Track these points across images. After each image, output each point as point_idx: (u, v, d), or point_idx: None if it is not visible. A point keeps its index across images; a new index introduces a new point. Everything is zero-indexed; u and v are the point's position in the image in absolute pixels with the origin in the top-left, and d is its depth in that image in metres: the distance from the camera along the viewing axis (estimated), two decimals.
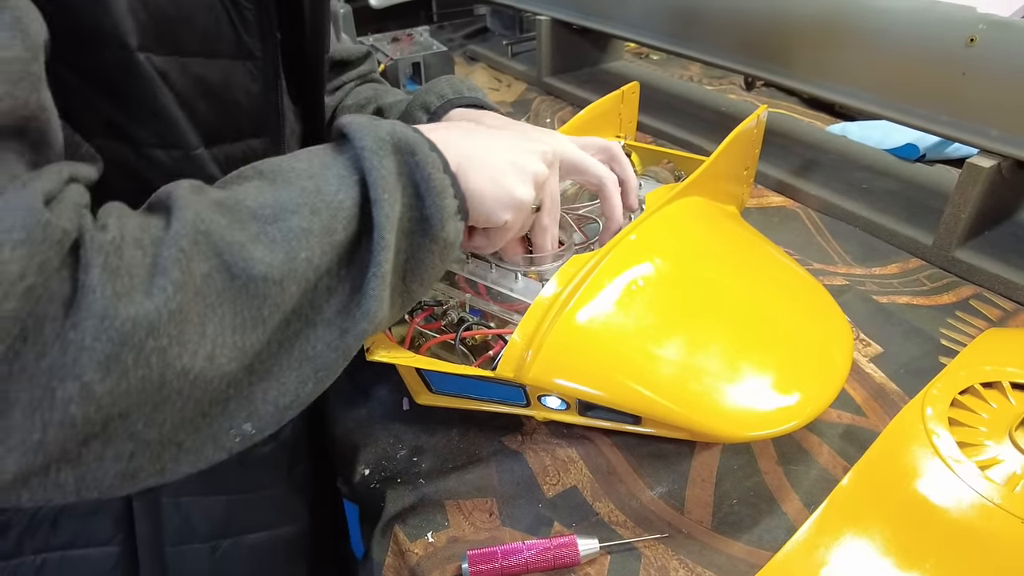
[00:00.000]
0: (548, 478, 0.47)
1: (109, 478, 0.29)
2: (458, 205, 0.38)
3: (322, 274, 0.33)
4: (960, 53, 0.62)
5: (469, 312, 0.52)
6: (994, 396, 0.49)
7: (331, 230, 0.33)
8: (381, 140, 0.36)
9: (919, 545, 0.40)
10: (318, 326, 0.34)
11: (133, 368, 0.27)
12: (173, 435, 0.30)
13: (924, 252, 0.69)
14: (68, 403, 0.26)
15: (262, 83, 0.43)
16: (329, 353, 0.35)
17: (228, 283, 0.30)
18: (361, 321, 0.35)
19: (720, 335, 0.47)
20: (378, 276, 0.35)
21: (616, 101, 0.77)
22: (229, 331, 0.30)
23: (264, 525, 0.52)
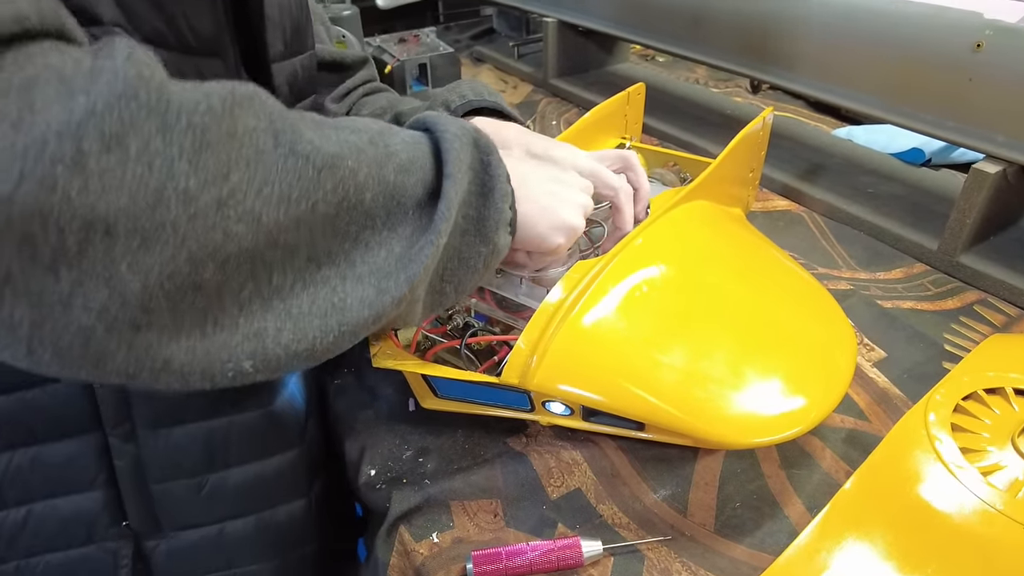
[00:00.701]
0: (552, 480, 0.48)
1: (70, 334, 0.26)
2: (511, 218, 0.40)
3: (364, 207, 0.33)
4: (966, 58, 0.62)
5: (475, 317, 0.52)
6: (997, 402, 0.49)
7: (382, 163, 0.34)
8: (465, 131, 0.38)
9: (921, 550, 0.41)
10: (352, 279, 0.33)
11: (134, 161, 0.25)
12: (158, 315, 0.27)
13: (929, 257, 0.69)
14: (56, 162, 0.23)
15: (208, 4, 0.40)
16: (361, 310, 0.34)
17: (270, 146, 0.29)
18: (403, 285, 0.34)
19: (724, 340, 0.48)
20: (432, 245, 0.35)
21: (622, 102, 0.78)
22: (253, 192, 0.28)
23: (250, 457, 0.50)
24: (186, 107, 0.27)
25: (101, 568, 0.47)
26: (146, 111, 0.25)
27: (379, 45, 1.24)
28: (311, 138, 0.31)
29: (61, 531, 0.45)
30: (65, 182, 0.24)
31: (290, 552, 0.54)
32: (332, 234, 0.32)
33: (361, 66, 0.69)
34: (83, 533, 0.46)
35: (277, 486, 0.51)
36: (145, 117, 0.25)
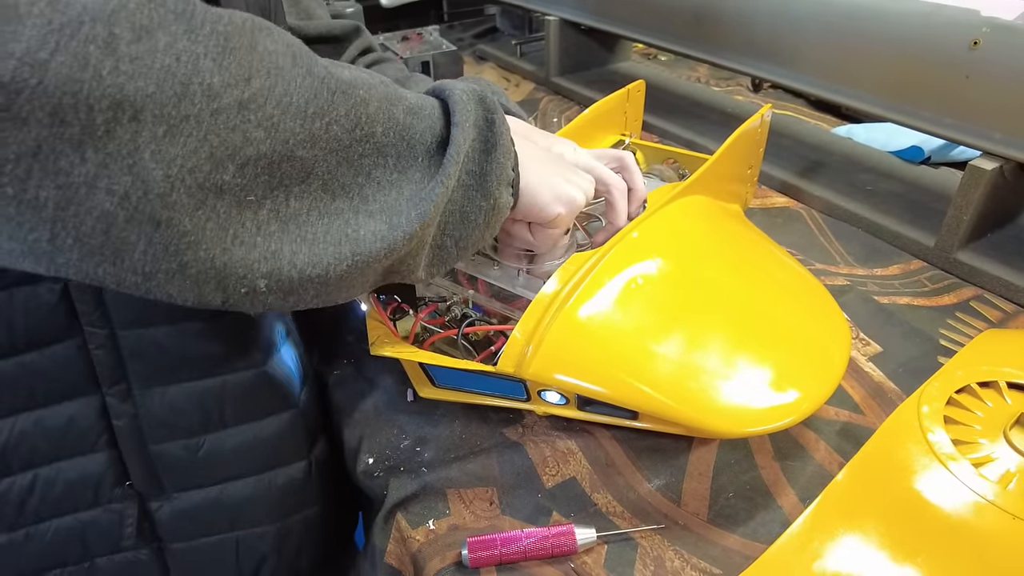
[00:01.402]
0: (548, 469, 0.48)
1: (92, 219, 0.27)
2: (513, 179, 0.42)
3: (376, 139, 0.35)
4: (964, 56, 0.62)
5: (472, 308, 0.53)
6: (990, 395, 0.49)
7: (393, 101, 0.36)
8: (471, 90, 0.40)
9: (912, 540, 0.41)
10: (364, 213, 0.35)
11: (163, 52, 0.27)
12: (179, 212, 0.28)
13: (926, 254, 0.70)
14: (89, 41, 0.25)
15: None
16: (374, 243, 0.35)
17: (289, 65, 0.31)
18: (414, 222, 0.36)
19: (719, 332, 0.48)
20: (442, 186, 0.37)
21: (622, 99, 0.78)
22: (273, 101, 0.30)
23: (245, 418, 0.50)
24: (210, 18, 0.29)
25: (108, 530, 0.48)
26: (174, 15, 0.27)
27: (382, 43, 1.25)
28: (326, 64, 0.33)
29: (67, 494, 0.46)
30: (97, 61, 0.25)
31: (292, 514, 0.55)
32: (346, 164, 0.34)
33: (355, 36, 0.69)
34: (89, 495, 0.47)
35: (275, 448, 0.52)
36: (173, 20, 0.27)
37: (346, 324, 0.65)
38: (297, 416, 0.53)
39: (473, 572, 0.42)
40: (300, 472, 0.55)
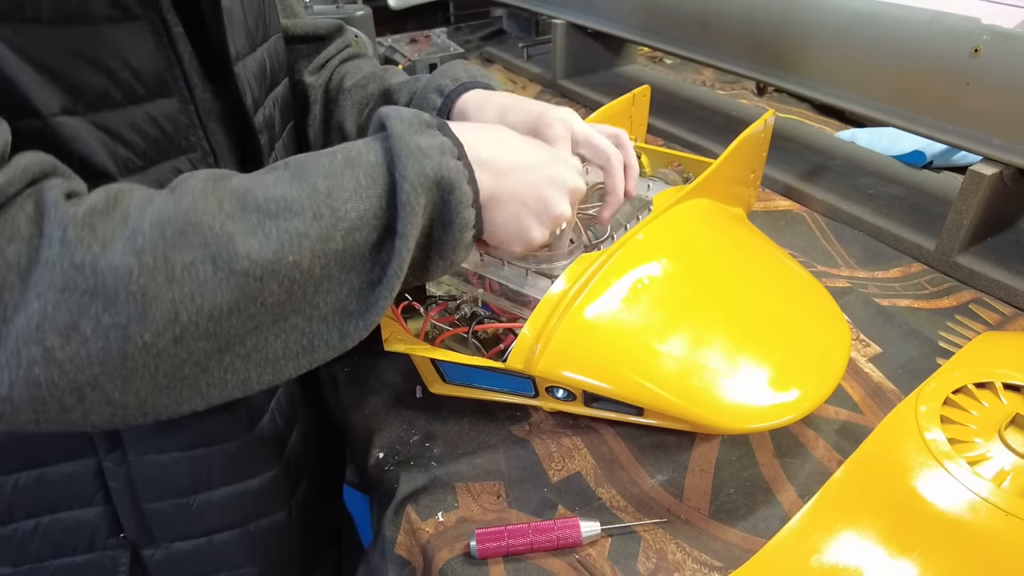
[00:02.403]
0: (553, 464, 0.50)
1: (104, 419, 0.33)
2: (474, 235, 0.41)
3: (315, 277, 0.35)
4: (964, 63, 0.63)
5: (481, 307, 0.54)
6: (986, 396, 0.50)
7: (328, 238, 0.35)
8: (425, 176, 0.37)
9: (908, 536, 0.42)
10: (317, 319, 0.37)
11: (92, 339, 0.30)
12: (152, 399, 0.33)
13: (927, 257, 0.71)
14: (32, 364, 0.29)
15: (152, 42, 0.40)
16: (327, 352, 0.38)
17: (211, 274, 0.32)
18: (362, 331, 0.38)
19: (722, 332, 0.49)
20: (385, 298, 0.37)
21: (627, 104, 0.79)
22: (204, 318, 0.32)
23: (233, 479, 0.53)
24: (121, 277, 0.30)
25: (103, 571, 0.51)
26: (88, 296, 0.30)
27: (391, 45, 1.27)
28: (248, 250, 0.33)
29: (66, 540, 0.49)
30: (45, 375, 0.30)
31: (275, 553, 0.58)
32: (291, 303, 0.36)
33: (337, 35, 0.69)
34: (85, 542, 0.50)
35: (259, 501, 0.55)
36: (89, 301, 0.30)
37: None
38: (281, 471, 0.55)
39: (481, 563, 0.43)
40: (282, 519, 0.57)
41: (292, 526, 0.58)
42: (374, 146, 0.38)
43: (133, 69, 0.39)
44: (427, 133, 0.39)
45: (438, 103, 0.56)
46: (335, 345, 0.38)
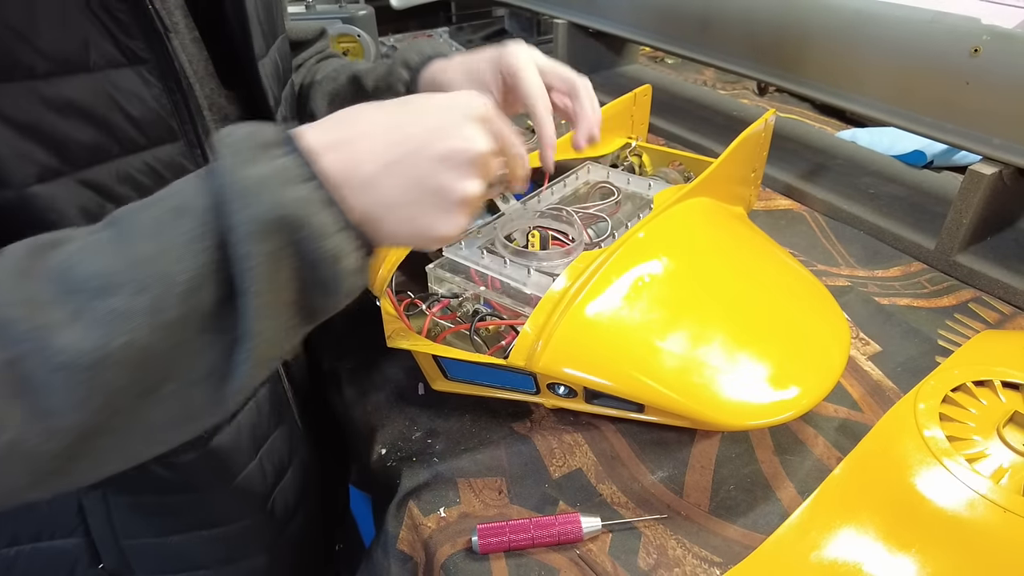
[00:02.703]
0: (555, 460, 0.50)
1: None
2: (362, 255, 0.34)
3: (163, 350, 0.30)
4: (964, 63, 0.64)
5: (483, 305, 0.55)
6: (985, 394, 0.51)
7: (161, 309, 0.29)
8: (259, 222, 0.30)
9: (906, 533, 0.42)
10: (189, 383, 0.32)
11: None
12: (24, 491, 0.30)
13: (926, 256, 0.71)
14: None
15: (159, 86, 0.39)
16: (211, 416, 0.34)
17: (32, 372, 0.28)
18: (238, 393, 0.33)
19: (722, 329, 0.50)
20: (251, 358, 0.32)
21: (628, 103, 0.80)
22: (36, 419, 0.28)
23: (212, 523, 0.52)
24: None
25: None
26: None
27: (392, 45, 1.27)
28: (64, 344, 0.28)
29: (47, 567, 0.49)
30: None
31: None
32: (151, 377, 0.31)
33: (317, 39, 0.69)
34: (66, 570, 0.50)
35: (242, 543, 0.55)
36: None
37: (358, 319, 0.66)
38: (265, 518, 0.55)
39: (483, 558, 0.44)
40: (264, 561, 0.57)
41: (277, 566, 0.58)
42: (204, 186, 0.31)
43: (133, 117, 0.38)
44: (264, 157, 0.31)
45: (406, 76, 0.56)
46: (215, 410, 0.34)
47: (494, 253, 0.56)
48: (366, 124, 0.35)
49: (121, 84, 0.37)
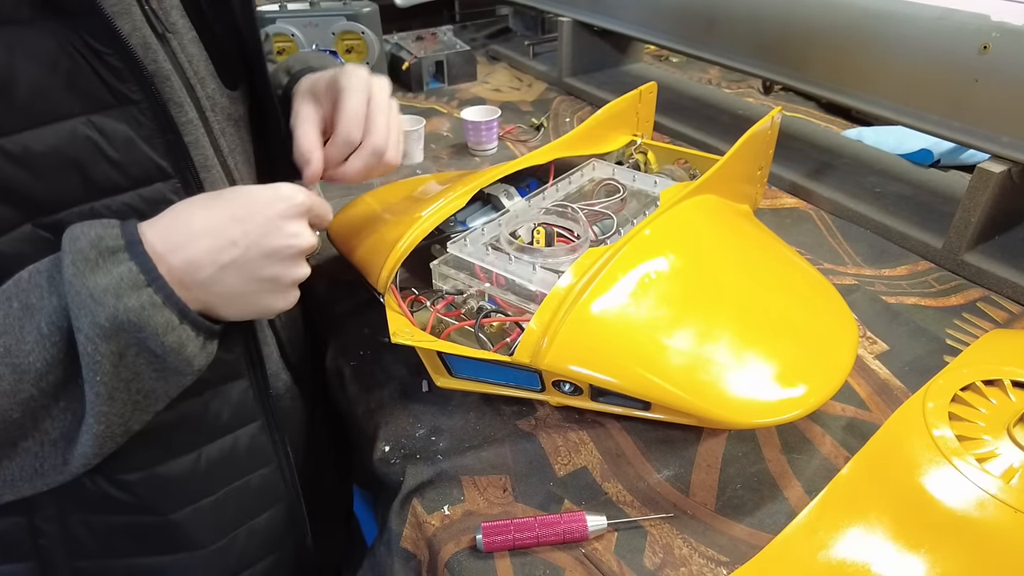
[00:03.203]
0: (560, 458, 0.49)
1: None
2: (204, 340, 0.38)
3: (19, 419, 0.34)
4: (973, 60, 0.63)
5: (488, 301, 0.54)
6: (995, 393, 0.50)
7: (17, 391, 0.34)
8: (100, 327, 0.34)
9: (916, 533, 0.42)
10: (47, 443, 0.36)
11: None
12: None
13: (934, 255, 0.71)
14: None
15: (152, 126, 0.40)
16: (56, 475, 0.37)
17: None
18: (81, 461, 0.37)
19: (729, 327, 0.49)
20: (95, 436, 0.36)
21: (634, 100, 0.79)
22: None
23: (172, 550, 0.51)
24: None
25: None
26: None
27: (397, 42, 1.27)
28: None
29: None
30: None
31: None
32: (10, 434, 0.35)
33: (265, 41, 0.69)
34: None
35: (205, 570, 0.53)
36: None
37: (362, 317, 0.66)
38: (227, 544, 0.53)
39: (487, 556, 0.43)
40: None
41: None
42: (51, 288, 0.35)
43: (114, 161, 0.38)
44: (105, 266, 0.34)
45: (284, 81, 0.56)
46: (62, 470, 0.37)
47: (499, 250, 0.56)
48: (200, 226, 0.38)
49: (106, 127, 0.38)
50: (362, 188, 0.83)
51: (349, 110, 0.48)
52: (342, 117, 0.48)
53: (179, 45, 0.43)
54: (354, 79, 0.49)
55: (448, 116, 1.11)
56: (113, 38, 0.36)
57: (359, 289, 0.70)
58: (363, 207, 0.68)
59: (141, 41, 0.39)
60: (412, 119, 0.95)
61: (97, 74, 0.37)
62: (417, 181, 0.77)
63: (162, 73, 0.40)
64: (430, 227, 0.56)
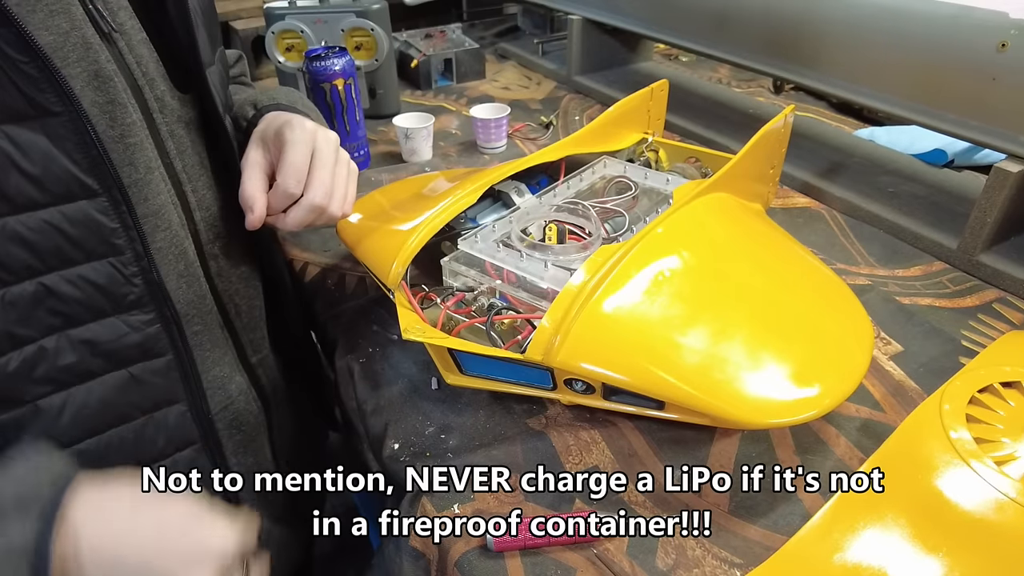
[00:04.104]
0: (571, 457, 0.49)
1: None
2: None
3: None
4: (991, 58, 0.62)
5: (499, 299, 0.54)
6: (1013, 395, 0.49)
7: None
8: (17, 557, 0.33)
9: (933, 535, 0.41)
10: None
11: None
12: None
13: (948, 256, 0.70)
14: None
15: (75, 138, 0.39)
16: None
17: None
18: None
19: (743, 326, 0.49)
20: None
21: (645, 98, 0.79)
22: None
23: None
24: None
25: None
26: None
27: (406, 40, 1.27)
28: None
29: None
30: None
31: None
32: None
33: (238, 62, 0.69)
34: None
35: None
36: None
37: (371, 314, 0.66)
38: None
39: (497, 556, 0.43)
40: None
41: None
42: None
43: (30, 174, 0.37)
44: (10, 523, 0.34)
45: (250, 114, 0.56)
46: None
47: (510, 247, 0.56)
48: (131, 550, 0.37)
49: (20, 139, 0.36)
50: (370, 185, 0.83)
51: (289, 163, 0.48)
52: (282, 169, 0.48)
53: (127, 45, 0.42)
54: (298, 132, 0.49)
55: (457, 114, 1.10)
56: (28, 47, 0.35)
57: (367, 285, 0.70)
58: (372, 204, 0.68)
59: (81, 40, 0.38)
60: (421, 116, 0.94)
61: (13, 83, 0.36)
62: (426, 178, 0.77)
63: (104, 73, 0.39)
64: (441, 224, 0.56)
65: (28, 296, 0.39)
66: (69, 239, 0.39)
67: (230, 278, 0.52)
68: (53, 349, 0.41)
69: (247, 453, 0.55)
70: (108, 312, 0.43)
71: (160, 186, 0.44)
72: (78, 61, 0.38)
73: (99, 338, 0.42)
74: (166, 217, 0.44)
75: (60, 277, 0.40)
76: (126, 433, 0.46)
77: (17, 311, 0.38)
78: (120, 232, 0.41)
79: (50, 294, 0.40)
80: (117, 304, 0.43)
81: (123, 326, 0.43)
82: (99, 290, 0.42)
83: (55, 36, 0.37)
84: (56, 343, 0.41)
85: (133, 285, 0.43)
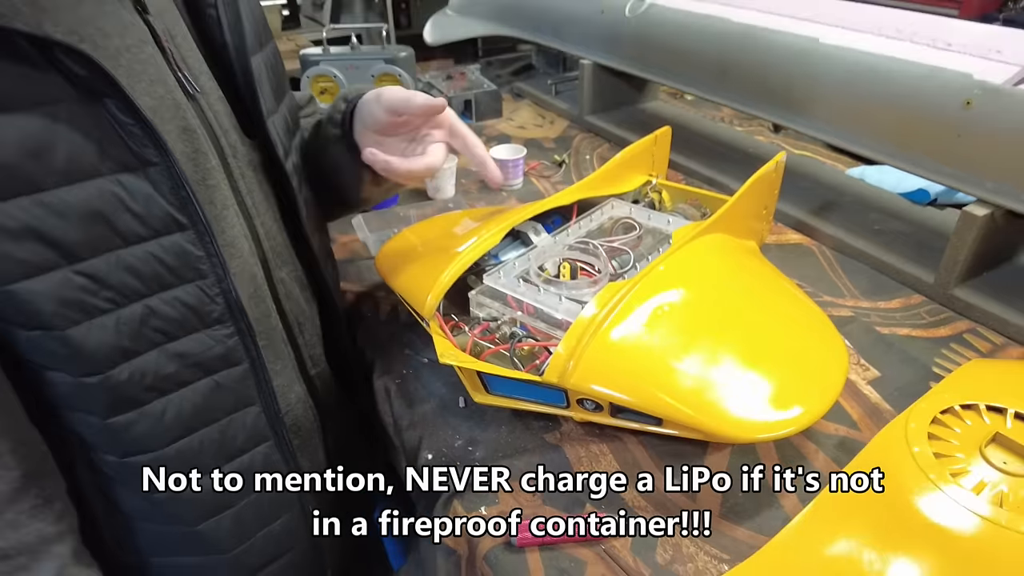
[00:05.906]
0: (582, 467, 0.56)
1: None
2: None
3: None
4: (957, 114, 0.70)
5: (519, 328, 0.61)
6: (971, 416, 0.56)
7: None
8: None
9: (894, 537, 0.48)
10: None
11: None
12: None
13: (926, 289, 0.77)
14: None
15: (169, 183, 0.45)
16: None
17: None
18: None
19: (733, 353, 0.56)
20: None
21: (650, 143, 0.87)
22: None
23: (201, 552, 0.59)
24: None
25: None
26: None
27: (428, 81, 1.36)
28: None
29: None
30: None
31: None
32: None
33: (309, 103, 0.77)
34: None
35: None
36: None
37: (403, 338, 0.74)
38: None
39: (519, 551, 0.50)
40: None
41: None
42: None
43: (137, 213, 0.44)
44: None
45: (343, 107, 0.63)
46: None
47: (529, 282, 0.63)
48: None
49: (130, 185, 0.44)
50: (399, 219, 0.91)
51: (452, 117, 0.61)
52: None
53: (207, 103, 0.51)
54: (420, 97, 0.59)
55: None
56: (134, 112, 0.43)
57: (400, 312, 0.77)
58: (404, 242, 0.76)
59: (173, 102, 0.47)
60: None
61: (123, 140, 0.43)
62: (452, 218, 0.85)
63: (190, 128, 0.48)
64: (470, 261, 0.64)
65: (137, 316, 0.46)
66: (166, 266, 0.47)
67: (297, 300, 0.61)
68: (155, 361, 0.49)
69: (303, 457, 0.63)
70: (197, 328, 0.50)
71: (234, 220, 0.52)
72: (171, 120, 0.46)
73: (191, 350, 0.50)
74: (239, 246, 0.52)
75: (160, 299, 0.48)
76: (213, 433, 0.54)
77: (129, 329, 0.46)
78: (204, 259, 0.49)
79: (153, 314, 0.47)
80: (203, 320, 0.50)
81: (208, 339, 0.51)
82: (190, 309, 0.49)
83: (154, 101, 0.45)
84: (157, 356, 0.49)
85: (216, 304, 0.51)
